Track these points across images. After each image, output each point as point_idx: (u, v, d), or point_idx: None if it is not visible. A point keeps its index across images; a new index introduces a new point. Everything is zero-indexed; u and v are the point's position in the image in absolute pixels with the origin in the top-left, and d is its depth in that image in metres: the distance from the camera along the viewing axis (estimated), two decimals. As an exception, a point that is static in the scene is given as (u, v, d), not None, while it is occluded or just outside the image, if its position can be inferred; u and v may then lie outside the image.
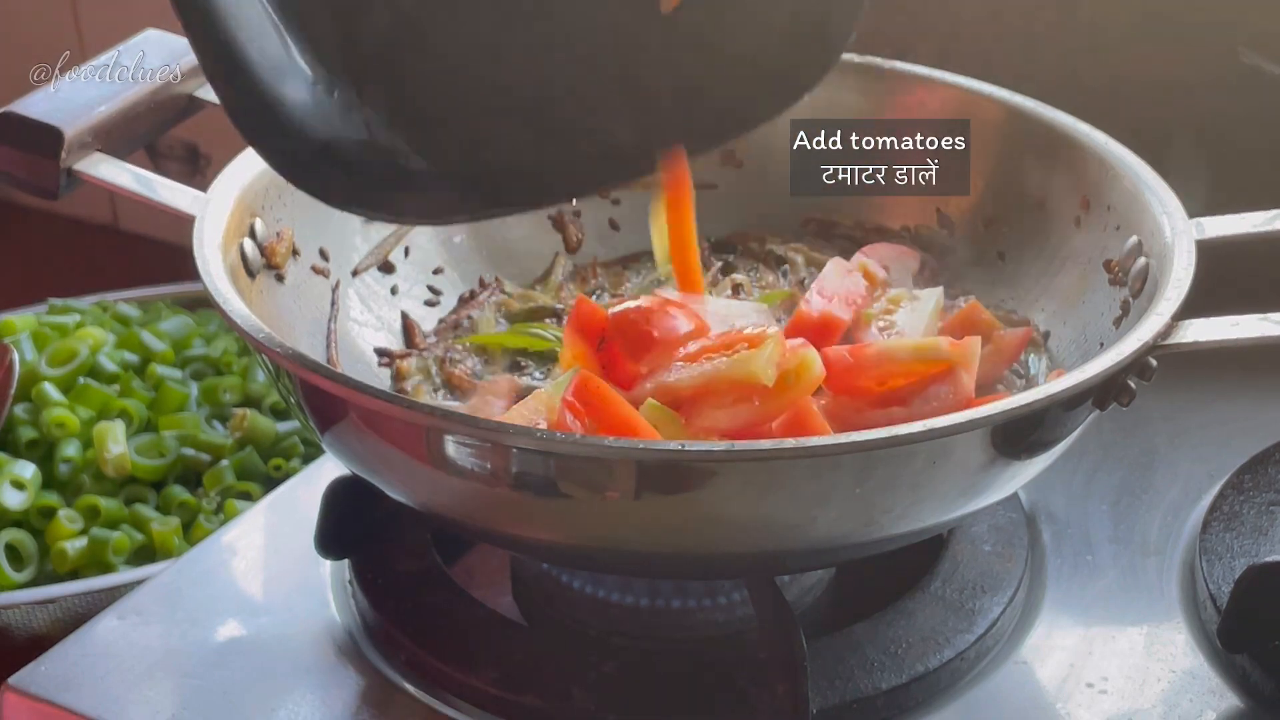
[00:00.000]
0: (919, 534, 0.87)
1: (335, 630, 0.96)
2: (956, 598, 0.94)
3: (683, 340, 0.90)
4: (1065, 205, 1.00)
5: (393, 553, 0.97)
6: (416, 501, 0.87)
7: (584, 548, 0.87)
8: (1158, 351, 0.85)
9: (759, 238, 1.09)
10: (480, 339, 1.00)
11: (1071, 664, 0.93)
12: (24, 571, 1.20)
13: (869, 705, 0.89)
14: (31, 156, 0.95)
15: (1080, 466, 1.05)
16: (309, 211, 1.00)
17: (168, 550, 1.21)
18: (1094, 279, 0.97)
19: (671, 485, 0.79)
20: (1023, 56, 1.18)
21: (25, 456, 1.27)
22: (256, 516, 1.06)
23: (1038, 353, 0.99)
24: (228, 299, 0.87)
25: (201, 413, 1.31)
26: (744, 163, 1.10)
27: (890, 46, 1.09)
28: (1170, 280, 0.87)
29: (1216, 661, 0.92)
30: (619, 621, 0.95)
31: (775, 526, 0.81)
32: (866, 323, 0.97)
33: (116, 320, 1.43)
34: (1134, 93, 1.17)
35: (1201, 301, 0.87)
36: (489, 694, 0.90)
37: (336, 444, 0.87)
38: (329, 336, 0.99)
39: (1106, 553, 1.00)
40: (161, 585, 1.00)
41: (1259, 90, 1.16)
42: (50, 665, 0.94)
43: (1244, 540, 0.98)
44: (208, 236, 0.91)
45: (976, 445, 0.81)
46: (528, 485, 0.81)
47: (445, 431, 0.80)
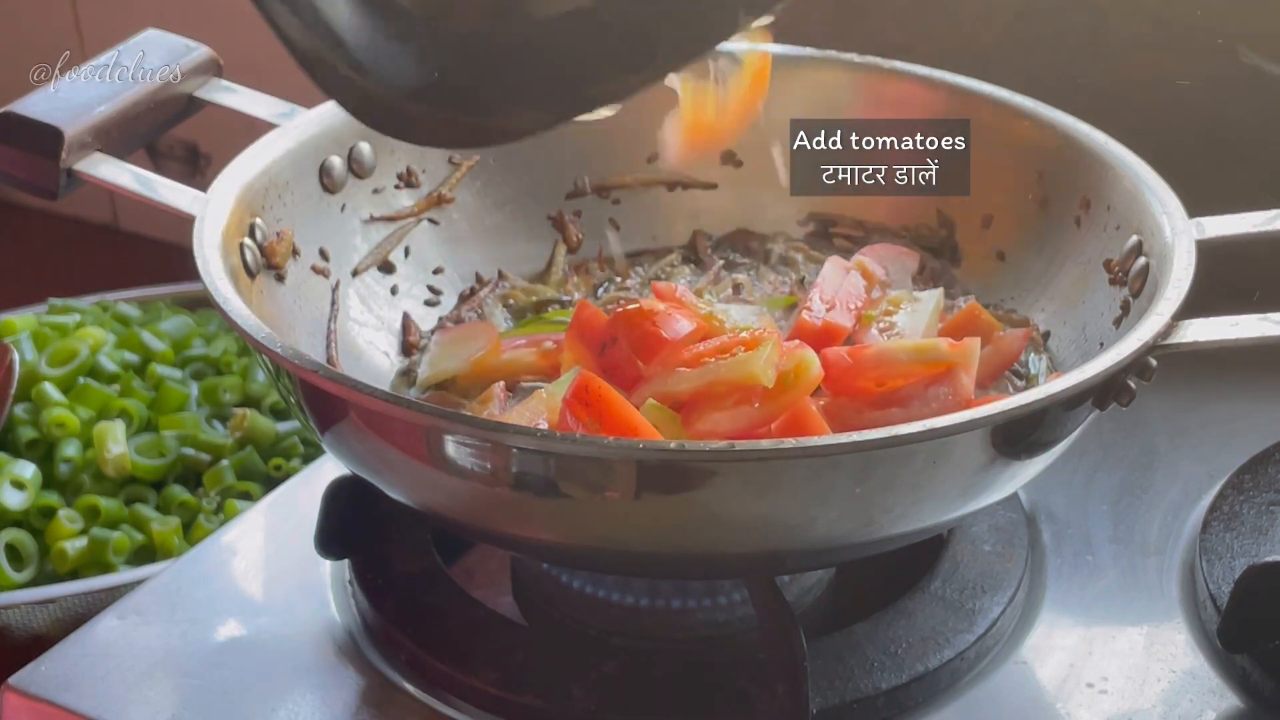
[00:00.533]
0: (919, 534, 0.87)
1: (335, 630, 0.96)
2: (956, 598, 0.94)
3: (688, 340, 0.90)
4: (1065, 205, 1.00)
5: (393, 553, 0.97)
6: (416, 501, 0.87)
7: (584, 548, 0.87)
8: (1158, 351, 0.85)
9: (759, 238, 1.09)
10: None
11: (1071, 664, 0.93)
12: (24, 571, 1.20)
13: (869, 705, 0.89)
14: (31, 156, 0.95)
15: (1080, 466, 1.05)
16: (309, 211, 1.00)
17: (168, 550, 1.21)
18: (1094, 279, 0.97)
19: (671, 485, 0.79)
20: (1023, 56, 1.18)
21: (25, 456, 1.27)
22: (256, 516, 1.06)
23: (1038, 353, 0.99)
24: (228, 299, 0.87)
25: (201, 413, 1.31)
26: (744, 163, 1.10)
27: (890, 46, 1.09)
28: (1170, 280, 0.87)
29: (1216, 661, 0.93)
30: (619, 621, 0.95)
31: (775, 526, 0.81)
32: (867, 324, 0.97)
33: (116, 320, 1.43)
34: (1134, 93, 1.17)
35: (1201, 301, 0.87)
36: (489, 694, 0.90)
37: (336, 444, 0.87)
38: (329, 336, 0.99)
39: (1106, 553, 1.00)
40: (161, 585, 1.00)
41: (1259, 90, 1.16)
42: (50, 665, 0.94)
43: (1244, 540, 0.98)
44: (208, 236, 0.91)
45: (976, 445, 0.81)
46: (528, 485, 0.81)
47: (445, 431, 0.80)
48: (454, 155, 1.06)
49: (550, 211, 1.09)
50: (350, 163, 1.03)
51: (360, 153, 1.03)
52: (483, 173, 1.07)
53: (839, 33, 1.17)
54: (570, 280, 1.07)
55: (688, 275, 1.06)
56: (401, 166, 1.05)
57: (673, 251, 1.09)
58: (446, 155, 1.06)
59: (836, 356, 0.88)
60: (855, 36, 1.14)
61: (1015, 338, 0.97)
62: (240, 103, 1.02)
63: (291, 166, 0.99)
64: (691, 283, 1.05)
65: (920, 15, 1.22)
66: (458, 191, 1.06)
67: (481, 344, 0.98)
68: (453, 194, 1.06)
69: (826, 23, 1.21)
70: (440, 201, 1.06)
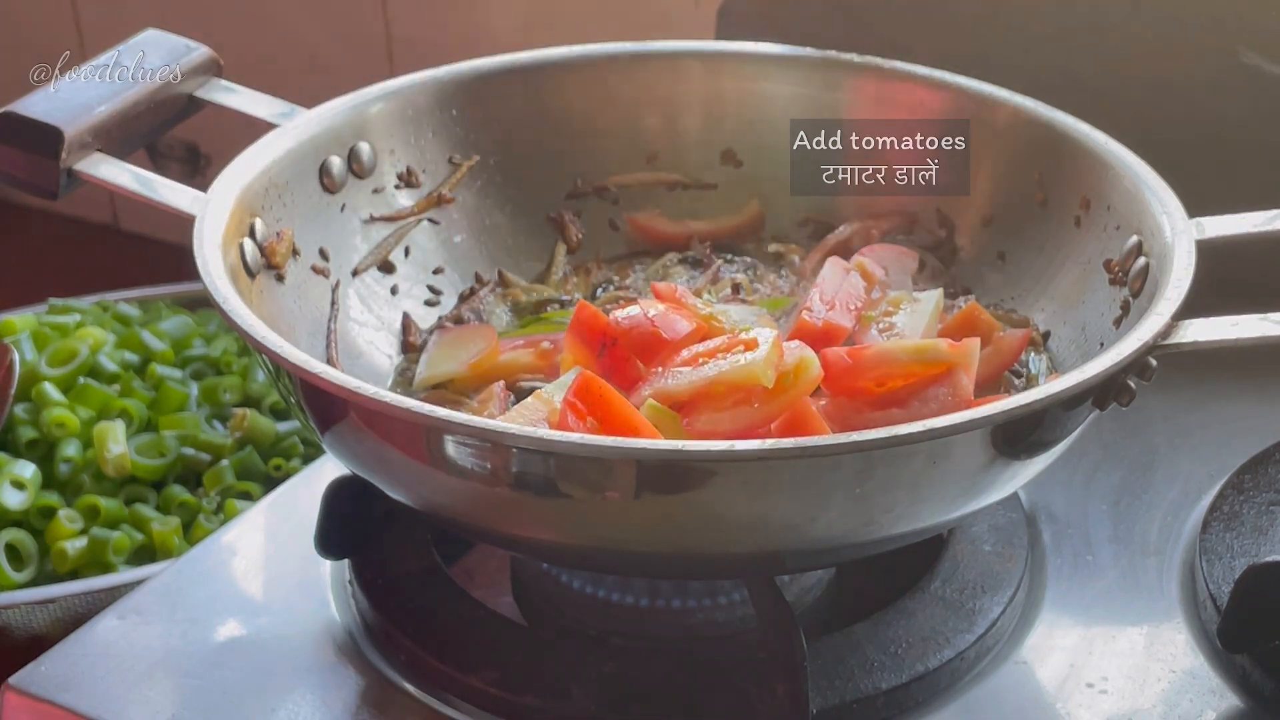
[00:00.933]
0: (919, 534, 0.87)
1: (335, 630, 0.96)
2: (956, 598, 0.94)
3: (687, 341, 0.90)
4: (1065, 205, 1.00)
5: (393, 553, 0.97)
6: (416, 501, 0.87)
7: (584, 548, 0.87)
8: (1158, 351, 0.85)
9: (758, 237, 1.09)
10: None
11: (1071, 664, 0.93)
12: (24, 571, 1.20)
13: (869, 705, 0.89)
14: (31, 156, 0.95)
15: (1080, 466, 1.05)
16: (309, 211, 1.00)
17: (168, 550, 1.21)
18: (1094, 279, 0.97)
19: (671, 485, 0.79)
20: (1023, 56, 1.18)
21: (25, 456, 1.27)
22: (256, 516, 1.06)
23: (1038, 353, 0.99)
24: (228, 299, 0.87)
25: (201, 413, 1.31)
26: (744, 163, 1.10)
27: (890, 46, 1.09)
28: (1170, 280, 0.87)
29: (1216, 661, 0.92)
30: (619, 621, 0.95)
31: (775, 526, 0.81)
32: (866, 324, 0.97)
33: (116, 320, 1.43)
34: (1134, 93, 1.17)
35: (1201, 301, 0.87)
36: (489, 694, 0.90)
37: (336, 444, 0.87)
38: (329, 336, 0.99)
39: (1106, 553, 1.00)
40: (161, 585, 1.00)
41: (1259, 90, 1.16)
42: (50, 665, 0.94)
43: (1244, 540, 0.97)
44: (208, 236, 0.91)
45: (976, 445, 0.81)
46: (528, 485, 0.81)
47: (445, 432, 0.80)
48: (454, 155, 1.06)
49: (550, 211, 1.09)
50: (350, 163, 1.03)
51: (360, 153, 1.03)
52: (483, 173, 1.07)
53: (839, 33, 1.17)
54: (570, 280, 1.07)
55: (686, 275, 1.06)
56: (401, 166, 1.05)
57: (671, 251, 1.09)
58: (446, 155, 1.06)
59: (836, 357, 0.88)
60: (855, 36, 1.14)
61: (1015, 338, 0.97)
62: (240, 103, 1.02)
63: (291, 166, 0.99)
64: (691, 282, 1.05)
65: (920, 15, 1.22)
66: (458, 191, 1.06)
67: (480, 347, 0.98)
68: (453, 194, 1.06)
69: (826, 23, 1.21)
70: (440, 201, 1.06)
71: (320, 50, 1.57)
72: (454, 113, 1.06)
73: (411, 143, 1.05)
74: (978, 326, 0.97)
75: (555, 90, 1.09)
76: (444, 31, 1.52)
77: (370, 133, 1.03)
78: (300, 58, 1.57)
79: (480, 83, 1.07)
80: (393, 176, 1.05)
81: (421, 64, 1.08)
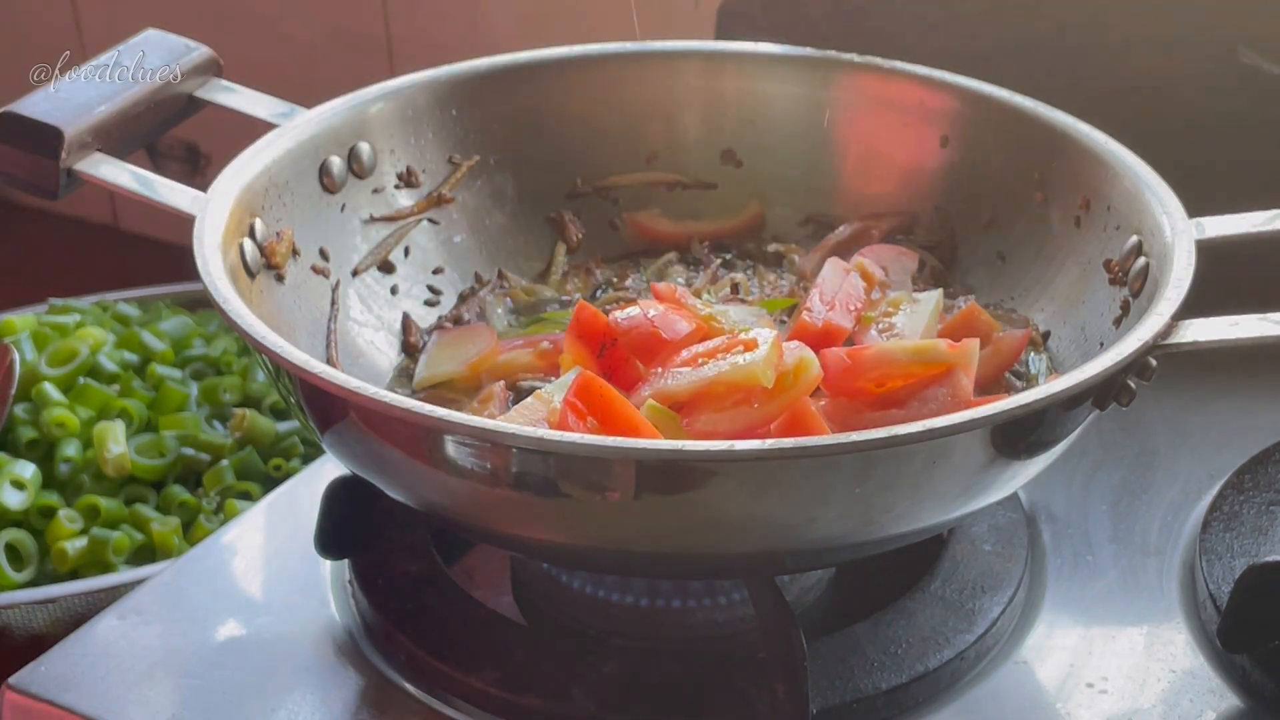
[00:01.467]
0: (919, 534, 0.87)
1: (335, 630, 0.96)
2: (956, 598, 0.94)
3: (687, 341, 0.90)
4: (1065, 205, 1.00)
5: (393, 553, 0.97)
6: (416, 502, 0.87)
7: (584, 548, 0.87)
8: (1158, 351, 0.85)
9: (758, 237, 1.09)
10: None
11: (1071, 664, 0.93)
12: (24, 571, 1.20)
13: (869, 705, 0.89)
14: (31, 156, 0.95)
15: (1080, 466, 1.05)
16: (309, 211, 1.00)
17: (168, 550, 1.21)
18: (1094, 279, 0.97)
19: (671, 485, 0.79)
20: (1023, 56, 1.18)
21: (25, 456, 1.27)
22: (256, 516, 1.06)
23: (1038, 353, 0.99)
24: (228, 299, 0.87)
25: (201, 413, 1.31)
26: (744, 163, 1.10)
27: (890, 46, 1.09)
28: (1170, 280, 0.87)
29: (1216, 661, 0.92)
30: (619, 621, 0.95)
31: (775, 526, 0.81)
32: (866, 325, 0.97)
33: (116, 320, 1.43)
34: (1134, 93, 1.17)
35: (1201, 301, 0.87)
36: (489, 694, 0.90)
37: (336, 444, 0.87)
38: (329, 336, 0.99)
39: (1106, 553, 1.00)
40: (161, 585, 1.00)
41: (1259, 90, 1.16)
42: (50, 665, 0.94)
43: (1244, 540, 0.97)
44: (208, 236, 0.91)
45: (976, 445, 0.81)
46: (528, 485, 0.81)
47: (445, 432, 0.80)
48: (454, 155, 1.06)
49: (550, 211, 1.09)
50: (350, 163, 1.03)
51: (360, 153, 1.03)
52: (483, 173, 1.07)
53: (839, 33, 1.17)
54: (570, 280, 1.07)
55: (686, 275, 1.06)
56: (401, 166, 1.05)
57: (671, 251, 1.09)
58: (446, 155, 1.06)
59: (836, 357, 0.88)
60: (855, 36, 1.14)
61: (1015, 338, 0.97)
62: (240, 103, 1.02)
63: (291, 166, 0.99)
64: (690, 282, 1.05)
65: (920, 15, 1.22)
66: (458, 191, 1.06)
67: (479, 347, 0.98)
68: (453, 194, 1.06)
69: (826, 23, 1.21)
70: (440, 201, 1.06)
71: (320, 50, 1.57)
72: (454, 113, 1.06)
73: (411, 143, 1.05)
74: (977, 327, 0.97)
75: (555, 90, 1.09)
76: (444, 31, 1.52)
77: (370, 133, 1.03)
78: (300, 58, 1.57)
79: (480, 83, 1.07)
80: (393, 176, 1.05)
81: (421, 64, 1.08)
